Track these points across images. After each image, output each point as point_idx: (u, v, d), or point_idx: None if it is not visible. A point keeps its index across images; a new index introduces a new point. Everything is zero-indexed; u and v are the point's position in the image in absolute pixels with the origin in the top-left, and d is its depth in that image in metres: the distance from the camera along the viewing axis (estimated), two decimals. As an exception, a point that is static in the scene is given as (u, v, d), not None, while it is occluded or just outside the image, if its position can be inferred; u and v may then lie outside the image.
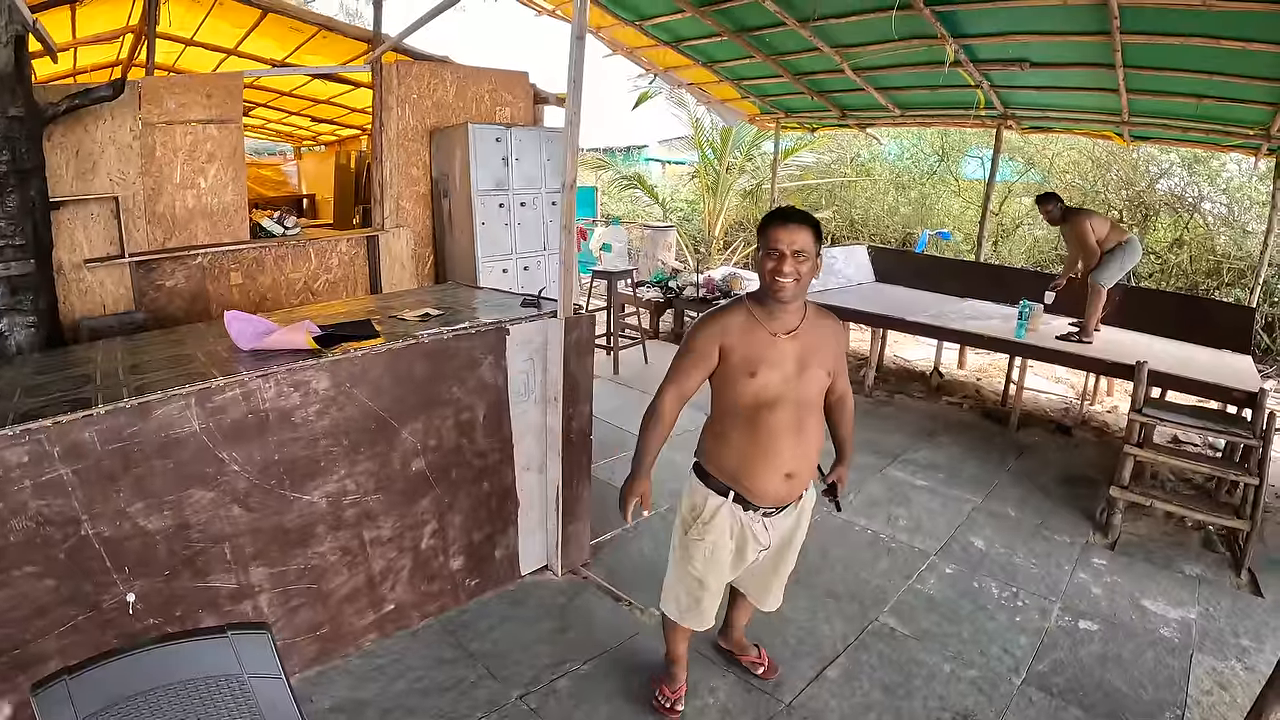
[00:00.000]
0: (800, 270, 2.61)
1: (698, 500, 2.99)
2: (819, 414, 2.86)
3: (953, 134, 15.03)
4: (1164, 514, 5.50)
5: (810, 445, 2.81)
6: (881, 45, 7.31)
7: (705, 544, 2.95)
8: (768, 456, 2.75)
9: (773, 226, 2.64)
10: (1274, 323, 11.59)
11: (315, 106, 11.12)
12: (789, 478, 2.79)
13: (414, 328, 3.58)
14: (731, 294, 9.66)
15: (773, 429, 2.72)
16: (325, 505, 3.25)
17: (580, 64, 3.68)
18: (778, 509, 2.90)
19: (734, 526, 2.92)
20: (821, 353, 2.77)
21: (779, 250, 2.59)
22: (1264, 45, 5.60)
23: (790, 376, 2.70)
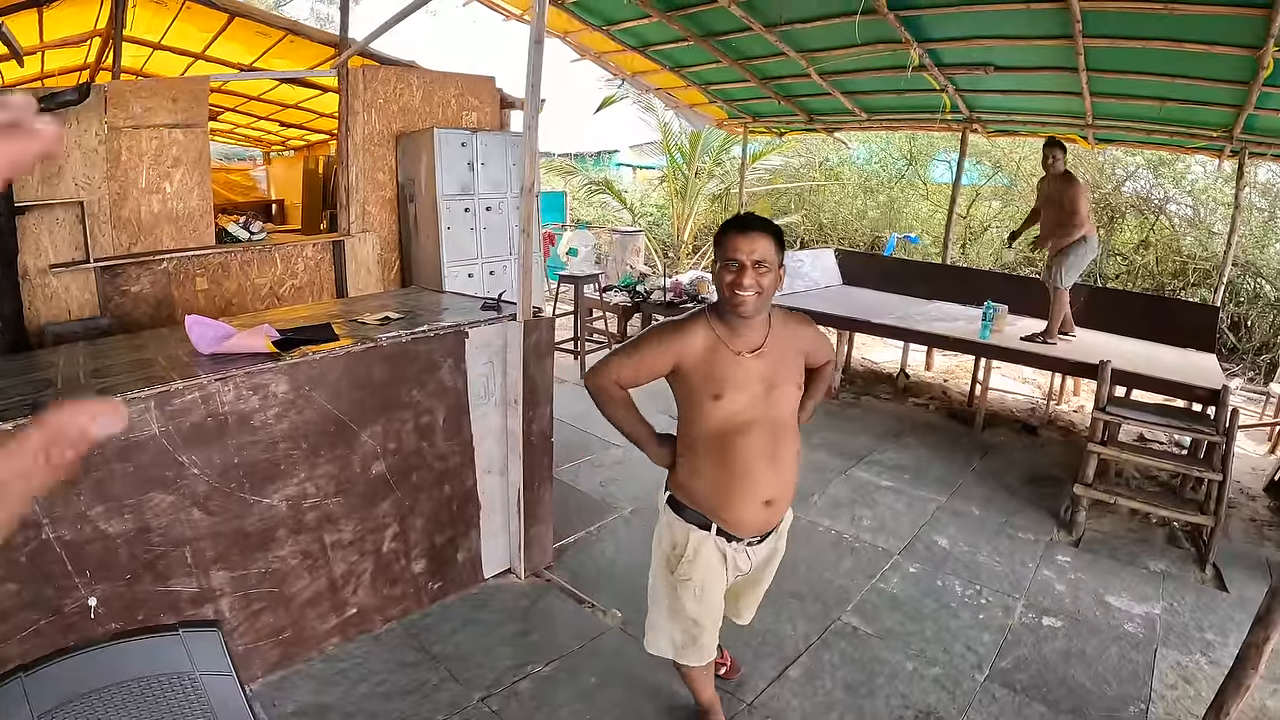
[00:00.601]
0: (762, 283, 2.40)
1: (678, 537, 2.76)
2: (794, 432, 2.65)
3: (921, 138, 15.13)
4: (1129, 511, 5.57)
5: (787, 468, 2.63)
6: (847, 50, 7.35)
7: (694, 583, 2.74)
8: (743, 485, 2.56)
9: (730, 235, 2.44)
10: (1240, 322, 11.74)
11: (283, 111, 11.07)
12: (768, 505, 2.61)
13: (373, 331, 3.57)
14: (700, 298, 9.69)
15: (746, 455, 2.53)
16: (285, 509, 3.24)
17: (538, 68, 3.69)
18: (760, 537, 2.73)
19: (720, 560, 2.73)
20: (790, 366, 2.60)
21: (738, 261, 2.39)
22: (1226, 48, 5.68)
23: (759, 397, 2.51)
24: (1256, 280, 11.91)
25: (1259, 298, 11.85)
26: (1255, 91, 6.18)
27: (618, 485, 5.54)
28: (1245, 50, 5.61)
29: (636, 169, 21.22)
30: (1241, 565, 5.02)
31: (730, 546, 2.70)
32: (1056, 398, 8.34)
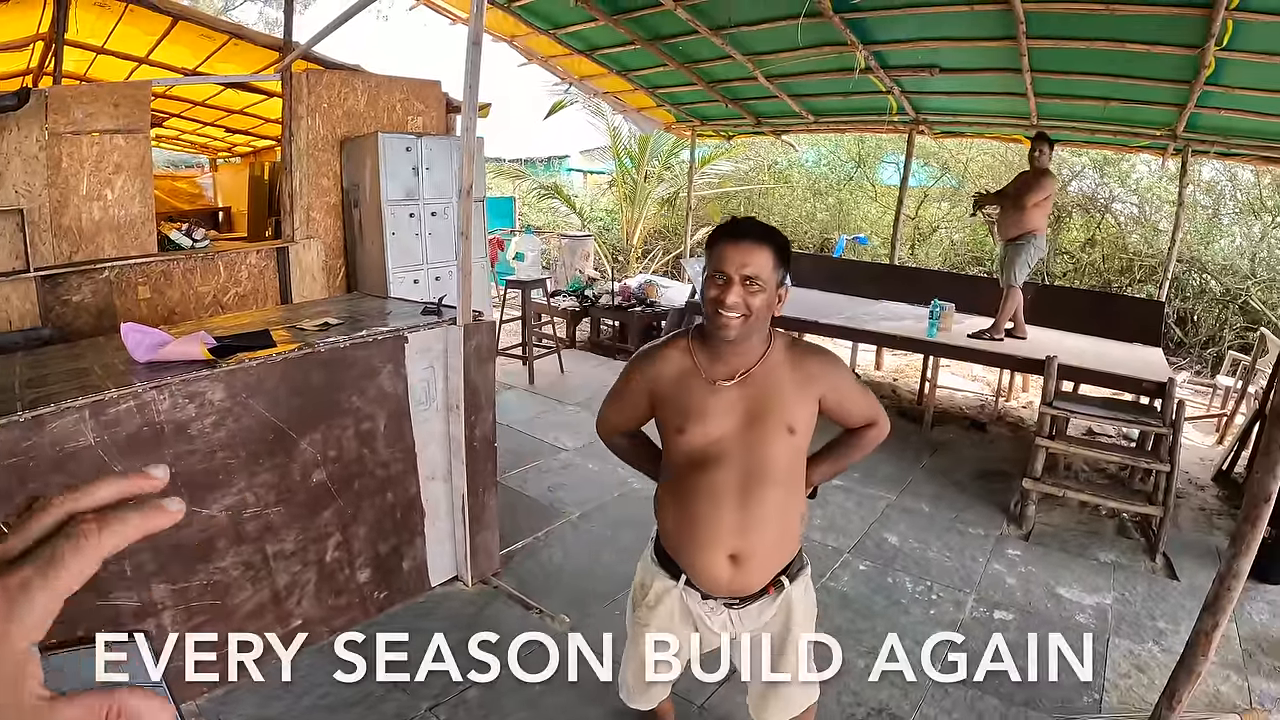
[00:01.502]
0: (751, 303, 2.06)
1: (645, 577, 2.45)
2: (779, 482, 2.20)
3: (869, 140, 15.22)
4: (1078, 503, 5.63)
5: (762, 522, 2.19)
6: (793, 53, 7.36)
7: (650, 631, 2.42)
8: (702, 530, 2.21)
9: (720, 243, 2.12)
10: (1186, 317, 11.95)
11: (229, 117, 10.92)
12: (734, 561, 2.21)
13: (312, 337, 3.52)
14: (648, 301, 9.72)
15: (706, 495, 2.18)
16: (225, 519, 3.19)
17: (477, 69, 3.66)
18: (739, 600, 2.30)
19: (685, 616, 2.38)
20: (783, 403, 2.18)
21: (725, 274, 2.07)
22: (1168, 48, 5.78)
23: (732, 433, 2.16)
24: (1202, 276, 12.14)
25: (1204, 293, 12.09)
26: (1197, 90, 6.29)
27: (566, 490, 5.51)
28: (1187, 50, 5.70)
29: (587, 174, 21.19)
30: (1191, 554, 5.11)
31: (703, 605, 2.33)
32: (1005, 394, 8.43)
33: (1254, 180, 12.19)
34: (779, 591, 2.33)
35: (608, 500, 5.40)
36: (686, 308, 8.79)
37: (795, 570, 2.36)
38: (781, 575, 2.32)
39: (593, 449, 6.30)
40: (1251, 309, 11.49)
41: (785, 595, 2.34)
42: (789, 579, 2.33)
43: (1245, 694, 3.83)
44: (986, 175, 13.42)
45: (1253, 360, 7.73)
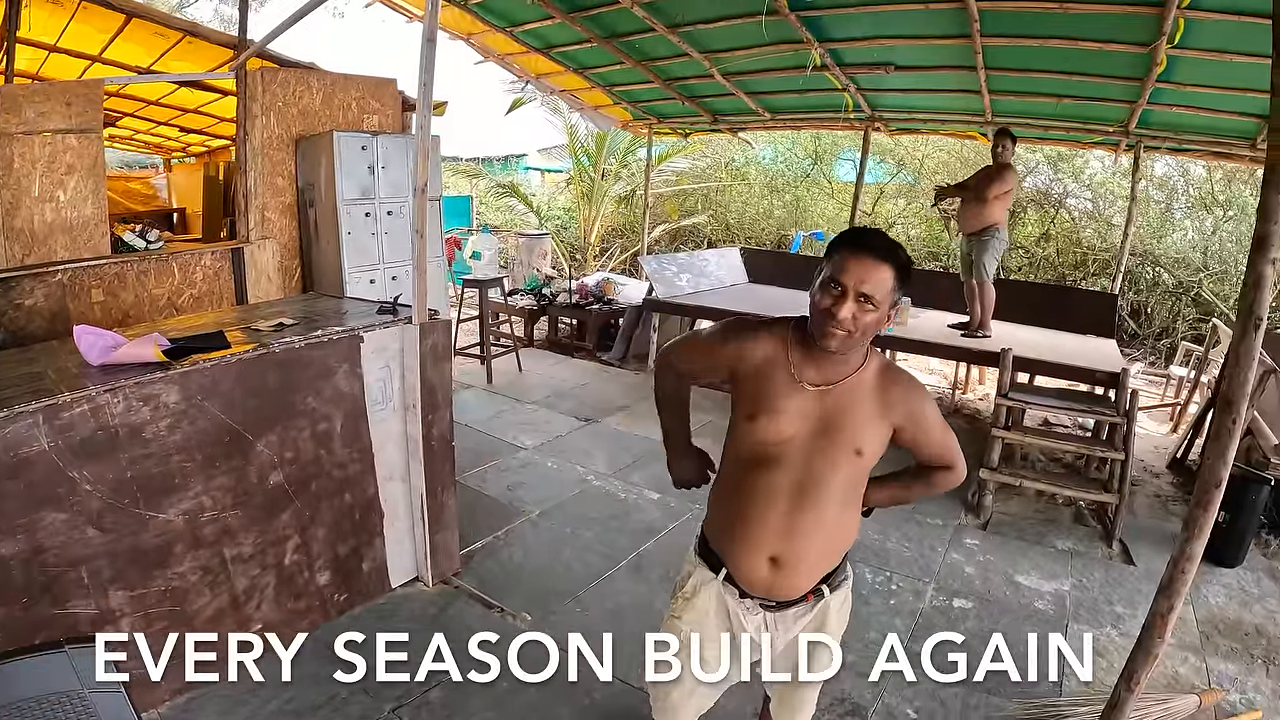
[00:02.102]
0: (863, 321, 1.98)
1: (687, 568, 2.42)
2: (838, 502, 2.17)
3: (826, 137, 15.32)
4: (1035, 492, 5.72)
5: (810, 533, 2.15)
6: (749, 50, 7.39)
7: (682, 625, 2.36)
8: (747, 527, 2.18)
9: (844, 252, 2.01)
10: (1140, 309, 12.14)
11: (184, 116, 10.76)
12: (775, 565, 2.18)
13: (267, 337, 3.48)
14: (605, 299, 9.72)
15: (759, 493, 2.15)
16: (182, 523, 3.14)
17: (431, 66, 3.64)
18: (778, 604, 2.27)
19: (721, 615, 2.33)
20: (858, 422, 2.11)
21: (842, 286, 1.97)
22: (1120, 45, 5.86)
23: (801, 437, 2.10)
24: (1155, 269, 12.33)
25: (1157, 285, 12.29)
26: (1149, 87, 6.39)
27: (525, 489, 5.50)
28: (1139, 47, 5.78)
29: (545, 172, 21.15)
30: (1148, 540, 5.22)
31: (741, 603, 2.28)
32: (963, 387, 8.54)
33: (1206, 175, 12.39)
34: (818, 599, 2.30)
35: (567, 498, 5.40)
36: (644, 305, 8.80)
37: (838, 580, 2.34)
38: (823, 584, 2.29)
39: (552, 446, 6.32)
40: (1204, 301, 11.68)
41: (823, 604, 2.32)
42: (830, 588, 2.31)
43: (1203, 675, 3.91)
44: (943, 172, 13.54)
45: (1205, 350, 7.87)
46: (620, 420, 7.10)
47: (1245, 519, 4.99)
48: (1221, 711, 3.64)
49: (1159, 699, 3.51)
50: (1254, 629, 4.37)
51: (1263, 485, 5.03)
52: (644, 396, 7.66)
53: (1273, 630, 4.37)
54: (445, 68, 3.75)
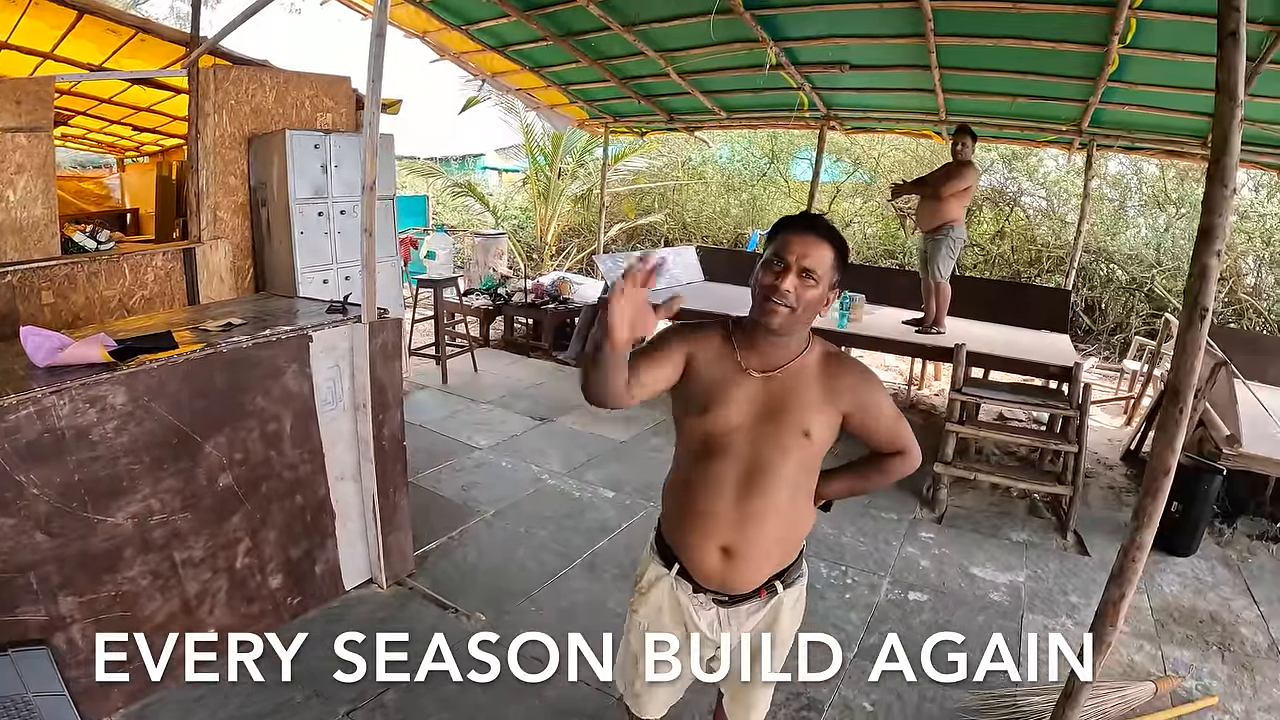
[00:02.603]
0: (805, 295, 2.01)
1: (642, 565, 2.41)
2: (789, 488, 2.15)
3: (782, 136, 15.44)
4: (989, 486, 5.80)
5: (761, 520, 2.14)
6: (705, 49, 7.41)
7: (639, 618, 2.39)
8: (698, 516, 2.17)
9: (784, 232, 2.07)
10: (1094, 305, 12.31)
11: (136, 115, 10.58)
12: (726, 555, 2.17)
13: (215, 337, 3.44)
14: (561, 298, 9.72)
15: (709, 483, 2.14)
16: (131, 527, 3.08)
17: (380, 62, 3.62)
18: (731, 598, 2.26)
19: (674, 610, 2.32)
20: (805, 405, 2.11)
21: (785, 262, 2.01)
22: (1073, 45, 5.94)
23: (748, 424, 2.11)
24: (1108, 265, 12.52)
25: (1111, 282, 12.48)
26: (1101, 86, 6.48)
27: (479, 489, 5.48)
28: (1092, 47, 5.86)
29: (502, 172, 21.09)
30: (1102, 530, 5.32)
31: (694, 598, 2.27)
32: (918, 383, 8.64)
33: (1159, 173, 12.60)
34: (771, 596, 2.28)
35: (521, 497, 5.39)
36: (600, 304, 8.78)
37: (792, 577, 2.33)
38: (776, 580, 2.27)
39: (507, 446, 6.30)
40: (1157, 296, 11.88)
41: (776, 600, 2.30)
42: (783, 584, 2.29)
43: (1159, 662, 3.99)
44: (898, 170, 13.66)
45: (1158, 345, 8.00)
46: (575, 419, 7.10)
47: (1198, 509, 5.09)
48: (1177, 698, 3.70)
49: (1115, 687, 3.56)
50: (1208, 616, 4.45)
51: (1215, 475, 5.12)
52: (599, 396, 7.65)
53: (1227, 617, 4.45)
54: (401, 66, 3.72)
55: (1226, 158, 2.40)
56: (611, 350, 1.94)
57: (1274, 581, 4.93)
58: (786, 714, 3.39)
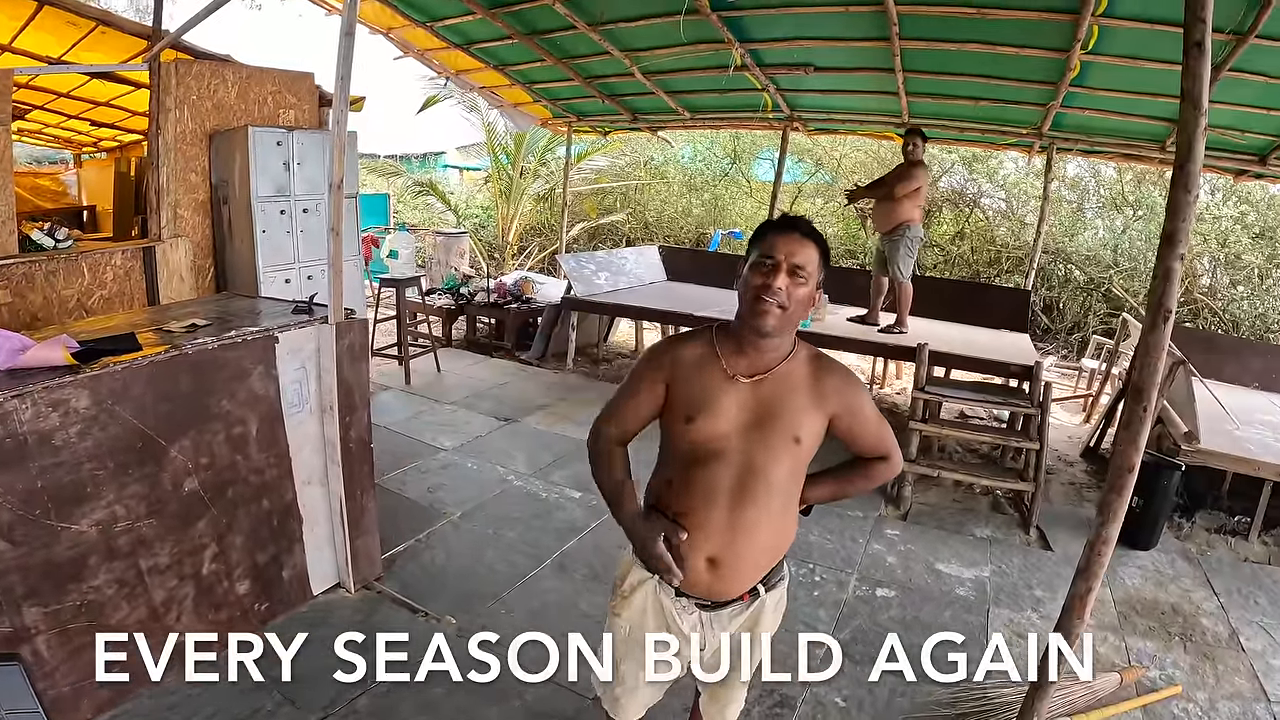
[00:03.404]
0: (795, 293, 2.03)
1: (623, 569, 2.39)
2: (779, 495, 2.15)
3: (745, 137, 15.53)
4: (953, 482, 5.88)
5: (752, 529, 2.13)
6: (670, 49, 7.43)
7: (621, 623, 2.36)
8: (687, 525, 2.13)
9: (770, 234, 2.10)
10: (1052, 305, 12.48)
11: (95, 109, 10.42)
12: (713, 565, 2.16)
13: (179, 338, 3.38)
14: (523, 297, 9.70)
15: (700, 492, 2.11)
16: (96, 534, 3.02)
17: (349, 59, 3.58)
18: (714, 604, 2.25)
19: (657, 614, 2.30)
20: (794, 411, 2.11)
21: (774, 260, 2.03)
22: (1035, 50, 6.01)
23: (738, 431, 2.09)
24: (1066, 266, 12.70)
25: (1069, 282, 12.66)
26: (1063, 91, 6.57)
27: (446, 490, 5.45)
28: (1054, 53, 5.94)
29: (463, 170, 21.02)
30: (1064, 526, 5.43)
31: (675, 602, 2.26)
32: (880, 382, 8.73)
33: (1116, 176, 12.81)
34: (754, 599, 2.28)
35: (488, 499, 5.36)
36: (563, 303, 8.79)
37: (774, 580, 2.32)
38: (759, 583, 2.26)
39: (472, 447, 6.28)
40: (1114, 296, 12.06)
41: (759, 603, 2.30)
42: (766, 588, 2.29)
43: (1123, 653, 4.06)
44: (860, 171, 13.76)
45: (1116, 343, 8.13)
46: (540, 419, 7.08)
47: (1158, 503, 5.20)
48: (1142, 688, 3.76)
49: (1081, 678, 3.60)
50: (1170, 608, 4.55)
51: (1174, 471, 5.24)
52: (562, 396, 7.71)
53: (1188, 609, 4.55)
54: (364, 63, 3.69)
55: (1190, 164, 2.44)
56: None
57: (1233, 573, 5.04)
58: (760, 711, 3.40)
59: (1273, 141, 6.81)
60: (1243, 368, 7.48)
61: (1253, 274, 11.79)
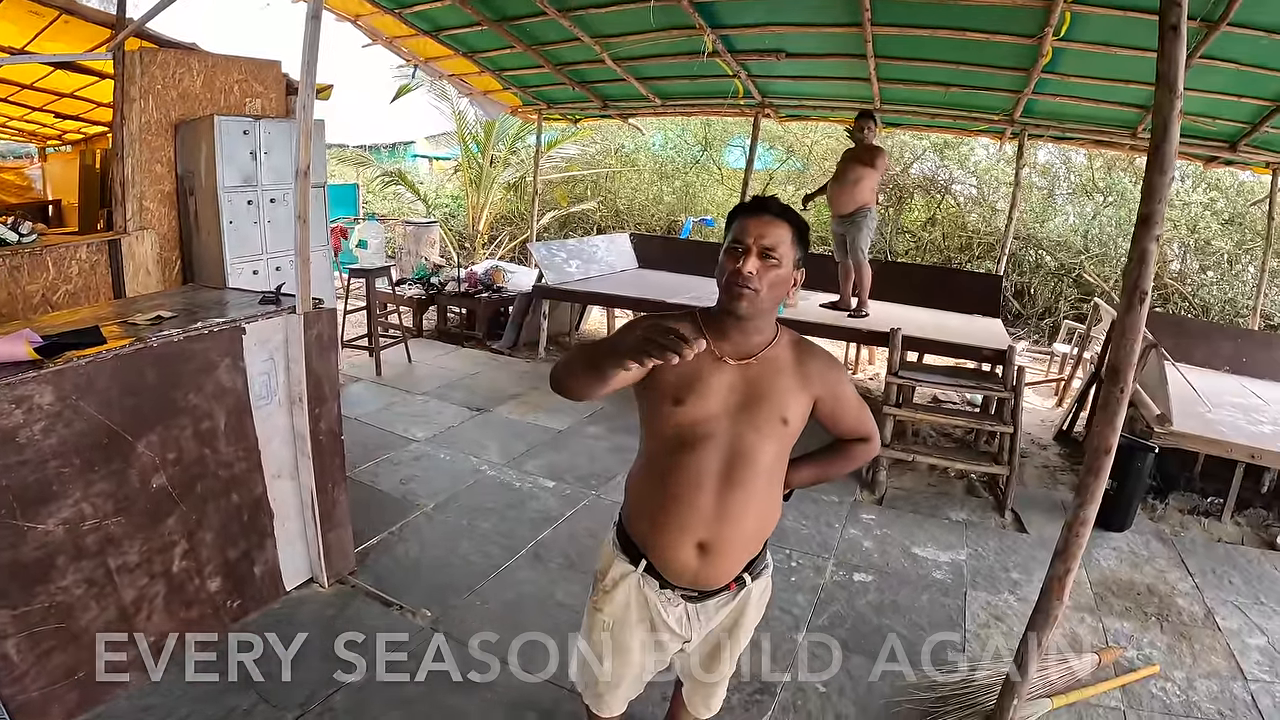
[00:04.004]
0: (767, 276, 2.01)
1: (604, 562, 2.35)
2: (766, 477, 2.13)
3: (716, 124, 15.57)
4: (928, 467, 5.93)
5: (739, 514, 2.11)
6: (641, 35, 7.40)
7: (603, 617, 2.32)
8: (675, 512, 2.11)
9: (740, 218, 2.08)
10: (1023, 290, 12.58)
11: (59, 101, 10.25)
12: (703, 551, 2.12)
13: (144, 331, 3.32)
14: (494, 286, 9.67)
15: (687, 476, 2.08)
16: (63, 533, 2.95)
17: (315, 44, 3.53)
18: (700, 594, 2.23)
19: (641, 607, 2.27)
20: (781, 393, 2.09)
21: (744, 245, 2.01)
22: (1008, 36, 6.03)
23: (726, 413, 2.07)
24: (1037, 252, 12.81)
25: (1040, 267, 12.77)
26: (1034, 77, 6.61)
27: (418, 482, 5.40)
28: (1026, 39, 5.96)
29: (433, 160, 20.95)
30: (1039, 508, 5.49)
31: (660, 594, 2.24)
32: (853, 367, 8.76)
33: (1086, 163, 12.91)
34: (740, 588, 2.27)
35: (461, 489, 5.32)
36: (534, 292, 8.76)
37: (759, 568, 2.31)
38: (744, 572, 2.25)
39: (444, 438, 6.24)
40: (1085, 281, 12.18)
41: (745, 593, 2.29)
42: (751, 576, 2.28)
43: (1100, 634, 4.10)
44: (831, 158, 13.75)
45: (1087, 328, 8.19)
46: (512, 409, 7.04)
47: (1132, 485, 5.26)
48: (1120, 668, 3.79)
49: (1059, 659, 3.64)
50: (1145, 588, 4.59)
51: (1147, 453, 5.28)
52: (535, 385, 7.66)
53: (1163, 589, 4.59)
54: (332, 51, 3.63)
55: (1166, 145, 2.46)
56: (622, 371, 1.87)
57: (1206, 554, 5.10)
58: (740, 699, 3.38)
59: (1242, 129, 6.89)
60: (1213, 351, 7.55)
61: (1222, 259, 11.93)
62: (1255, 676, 3.82)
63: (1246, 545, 5.25)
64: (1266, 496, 5.84)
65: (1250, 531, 5.44)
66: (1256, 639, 4.14)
